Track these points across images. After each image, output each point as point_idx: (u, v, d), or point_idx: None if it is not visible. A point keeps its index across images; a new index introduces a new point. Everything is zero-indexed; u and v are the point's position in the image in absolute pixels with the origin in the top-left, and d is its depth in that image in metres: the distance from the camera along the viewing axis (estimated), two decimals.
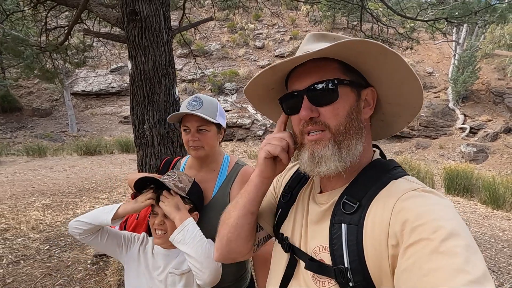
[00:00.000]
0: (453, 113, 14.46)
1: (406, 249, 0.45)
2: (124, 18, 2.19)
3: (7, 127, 14.50)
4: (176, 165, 1.29)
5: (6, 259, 2.79)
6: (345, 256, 0.53)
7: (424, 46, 17.38)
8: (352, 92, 0.60)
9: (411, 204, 0.50)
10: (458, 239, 0.43)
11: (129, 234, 1.12)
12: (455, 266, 0.39)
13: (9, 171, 7.18)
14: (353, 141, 0.58)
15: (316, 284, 0.58)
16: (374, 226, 0.52)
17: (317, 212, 0.64)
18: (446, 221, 0.45)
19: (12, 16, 4.00)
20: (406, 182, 0.56)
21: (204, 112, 1.10)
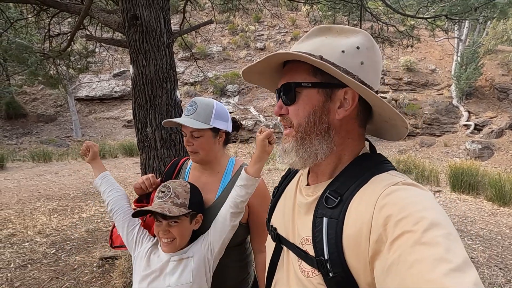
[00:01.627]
0: (457, 110, 14.35)
1: (392, 243, 0.46)
2: (125, 23, 2.22)
3: (12, 133, 14.67)
4: (183, 165, 1.30)
5: (13, 263, 2.83)
6: (325, 249, 0.56)
7: (426, 43, 17.30)
8: (319, 94, 0.61)
9: (393, 198, 0.51)
10: (439, 228, 0.44)
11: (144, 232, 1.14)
12: (436, 256, 0.41)
13: (15, 177, 7.26)
14: (313, 140, 0.61)
15: (302, 273, 0.61)
16: (356, 221, 0.54)
17: (303, 205, 0.66)
18: (427, 211, 0.47)
19: (16, 24, 4.07)
20: (388, 176, 0.57)
21: (197, 117, 1.11)
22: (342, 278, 0.53)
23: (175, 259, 1.04)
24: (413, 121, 14.43)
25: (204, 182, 1.19)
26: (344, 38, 0.61)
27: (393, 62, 16.60)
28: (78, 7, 3.08)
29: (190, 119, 1.11)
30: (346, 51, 0.58)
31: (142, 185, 1.18)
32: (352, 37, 0.60)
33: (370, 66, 0.60)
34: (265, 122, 15.03)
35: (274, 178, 7.13)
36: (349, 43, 0.59)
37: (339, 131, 0.62)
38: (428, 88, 15.66)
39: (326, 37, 0.61)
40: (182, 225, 1.03)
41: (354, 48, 0.59)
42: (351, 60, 0.58)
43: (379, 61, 0.63)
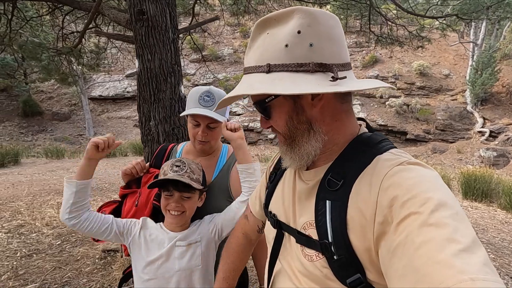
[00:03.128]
0: (472, 116, 13.98)
1: (398, 225, 0.45)
2: (132, 18, 2.27)
3: (28, 130, 15.15)
4: (173, 150, 1.30)
5: (20, 252, 2.89)
6: (329, 232, 0.55)
7: (440, 47, 16.97)
8: (285, 99, 0.59)
9: (398, 179, 0.50)
10: (446, 209, 0.43)
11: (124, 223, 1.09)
12: (444, 236, 0.40)
13: (29, 172, 7.48)
14: (301, 142, 0.61)
15: (305, 258, 0.60)
16: (360, 202, 0.53)
17: (304, 189, 0.66)
18: (434, 192, 0.46)
19: (32, 21, 4.21)
20: (392, 156, 0.56)
21: (217, 111, 1.13)
22: (347, 260, 0.53)
23: (183, 244, 1.05)
24: (425, 126, 14.13)
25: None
26: (283, 26, 0.56)
27: (405, 66, 16.35)
28: (89, 5, 3.17)
29: (212, 113, 1.11)
30: (290, 43, 0.54)
31: (133, 170, 1.19)
32: (290, 22, 0.55)
33: (322, 42, 0.55)
34: None
35: None
36: (288, 31, 0.54)
37: (322, 120, 0.60)
38: (441, 93, 15.33)
39: (268, 32, 0.57)
40: (193, 199, 1.06)
41: (295, 35, 0.54)
42: (299, 50, 0.54)
43: (329, 28, 0.56)
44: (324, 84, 0.53)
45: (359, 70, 17.16)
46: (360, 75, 16.92)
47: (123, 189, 1.21)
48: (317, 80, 0.54)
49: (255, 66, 0.58)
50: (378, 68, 16.74)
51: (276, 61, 0.55)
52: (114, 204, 1.23)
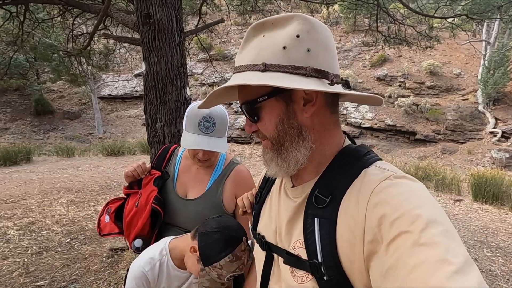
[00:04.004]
0: (483, 117, 13.67)
1: (388, 245, 0.45)
2: (138, 22, 2.30)
3: (40, 128, 15.50)
4: (174, 152, 1.31)
5: (31, 250, 2.98)
6: (318, 251, 0.53)
7: (451, 46, 16.64)
8: (278, 101, 0.58)
9: (385, 196, 0.49)
10: (436, 226, 0.43)
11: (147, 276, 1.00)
12: (437, 258, 0.39)
13: (40, 170, 7.65)
14: (289, 148, 0.59)
15: (295, 280, 0.57)
16: (348, 220, 0.52)
17: (291, 207, 0.63)
18: (422, 208, 0.45)
19: (43, 23, 4.31)
20: (378, 170, 0.55)
21: (217, 134, 1.12)
22: (337, 281, 0.51)
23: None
24: (435, 126, 13.90)
25: (195, 172, 1.21)
26: (280, 29, 0.56)
27: (415, 66, 16.08)
28: (98, 7, 3.22)
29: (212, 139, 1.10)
30: (288, 46, 0.54)
31: (134, 172, 1.21)
32: (289, 26, 0.55)
33: (319, 49, 0.55)
34: None
35: None
36: (287, 34, 0.55)
37: (312, 127, 0.59)
38: (452, 93, 15.03)
39: (264, 34, 0.57)
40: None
41: (294, 38, 0.54)
42: (296, 53, 0.54)
43: (326, 38, 0.57)
44: (322, 87, 0.54)
45: (368, 70, 16.96)
46: (369, 74, 16.73)
47: (126, 189, 1.25)
48: (313, 83, 0.54)
49: (249, 65, 0.56)
50: (387, 68, 16.52)
51: (273, 61, 0.54)
52: (120, 201, 1.28)
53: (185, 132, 1.15)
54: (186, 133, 1.13)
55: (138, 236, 1.18)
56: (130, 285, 0.98)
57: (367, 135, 14.93)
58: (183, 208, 1.20)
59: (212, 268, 0.89)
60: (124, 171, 1.23)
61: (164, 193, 1.22)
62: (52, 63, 3.49)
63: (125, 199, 1.27)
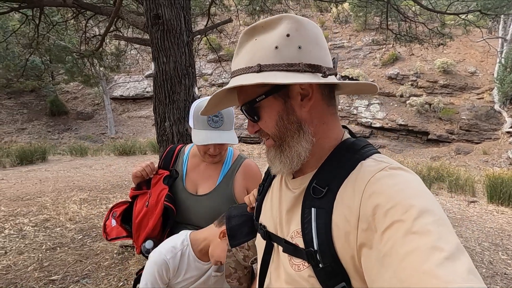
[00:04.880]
0: (499, 116, 13.25)
1: (383, 234, 0.45)
2: (148, 22, 2.34)
3: (55, 129, 15.94)
4: (181, 152, 1.32)
5: (45, 245, 3.07)
6: (314, 239, 0.55)
7: (465, 44, 16.21)
8: (276, 99, 0.60)
9: (380, 186, 0.50)
10: (429, 215, 0.43)
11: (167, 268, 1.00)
12: (428, 245, 0.40)
13: (55, 169, 7.87)
14: (291, 143, 0.61)
15: (292, 268, 0.60)
16: (344, 210, 0.53)
17: (290, 198, 0.66)
18: (416, 198, 0.46)
19: (58, 26, 4.44)
20: (374, 162, 0.56)
21: (225, 128, 1.13)
22: (332, 269, 0.53)
23: (219, 274, 1.06)
24: (449, 126, 13.56)
25: (203, 169, 1.22)
26: (271, 31, 0.58)
27: (427, 64, 15.73)
28: (110, 9, 3.30)
29: (222, 133, 1.12)
30: (279, 45, 0.56)
31: (143, 172, 1.21)
32: (278, 27, 0.58)
33: (310, 45, 0.58)
34: None
35: None
36: (277, 35, 0.57)
37: (311, 121, 0.61)
38: (466, 91, 14.64)
39: (256, 38, 0.60)
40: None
41: (284, 38, 0.57)
42: (288, 51, 0.56)
43: (315, 34, 0.60)
44: (316, 80, 0.56)
45: (378, 68, 16.71)
46: (380, 73, 16.46)
47: (134, 190, 1.24)
48: (307, 77, 0.56)
49: (244, 68, 0.59)
50: (399, 66, 16.22)
51: (267, 62, 0.57)
52: (124, 204, 1.27)
53: (194, 130, 1.15)
54: (195, 131, 1.14)
55: (149, 238, 1.16)
56: (150, 270, 0.98)
57: (378, 135, 14.70)
58: (194, 204, 1.20)
59: (239, 249, 0.91)
60: (132, 172, 1.23)
61: (174, 192, 1.22)
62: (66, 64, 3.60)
63: (130, 202, 1.26)
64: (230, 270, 0.91)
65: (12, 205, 4.36)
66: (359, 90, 0.67)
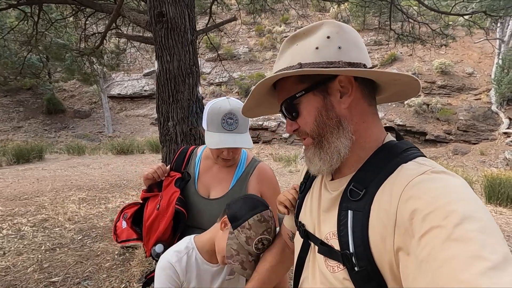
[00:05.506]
0: (496, 117, 13.35)
1: (420, 239, 0.43)
2: (152, 20, 2.30)
3: (52, 127, 15.79)
4: (193, 154, 1.29)
5: (44, 246, 3.02)
6: (350, 242, 0.55)
7: (463, 45, 16.30)
8: (315, 95, 0.62)
9: (419, 190, 0.48)
10: (472, 222, 0.40)
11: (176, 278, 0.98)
12: (470, 253, 0.37)
13: (52, 167, 7.79)
14: (330, 139, 0.61)
15: (327, 268, 0.60)
16: (381, 213, 0.52)
17: (328, 199, 0.66)
18: (458, 203, 0.43)
19: (57, 23, 4.38)
20: (415, 165, 0.54)
21: (240, 131, 1.09)
22: (368, 273, 0.52)
23: (232, 277, 1.05)
24: (446, 127, 13.64)
25: (216, 172, 1.19)
26: (312, 36, 0.61)
27: (425, 65, 15.81)
28: (111, 7, 3.25)
29: (237, 136, 1.08)
30: (320, 46, 0.59)
31: (154, 174, 1.18)
32: (319, 31, 0.61)
33: (349, 46, 0.60)
34: None
35: (295, 180, 7.04)
36: (318, 37, 0.60)
37: (351, 118, 0.61)
38: (464, 92, 14.73)
39: (297, 44, 0.63)
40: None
41: (324, 39, 0.59)
42: (328, 51, 0.59)
43: (355, 37, 0.62)
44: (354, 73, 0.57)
45: (377, 69, 16.75)
46: None
47: (145, 192, 1.22)
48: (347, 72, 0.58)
49: (285, 67, 0.61)
50: (397, 66, 16.29)
51: (307, 61, 0.59)
52: (136, 206, 1.25)
53: (207, 132, 1.11)
54: (209, 133, 1.10)
55: (159, 241, 1.13)
56: (159, 279, 0.97)
57: None
58: (206, 208, 1.17)
59: (241, 229, 0.90)
60: (144, 174, 1.20)
61: (186, 195, 1.19)
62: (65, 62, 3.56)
63: (142, 204, 1.24)
64: (232, 251, 0.90)
65: (10, 204, 4.30)
66: (400, 94, 0.67)
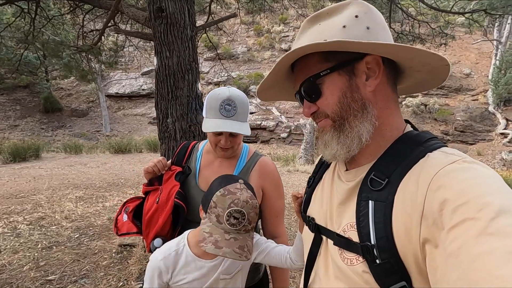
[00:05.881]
0: (493, 118, 13.44)
1: (449, 231, 0.40)
2: (151, 16, 2.28)
3: (49, 126, 15.68)
4: (194, 148, 1.28)
5: (41, 244, 2.99)
6: (372, 233, 0.52)
7: (461, 45, 16.40)
8: (340, 75, 0.58)
9: (450, 180, 0.44)
10: (510, 216, 0.37)
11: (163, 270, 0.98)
12: (508, 249, 0.34)
13: (49, 166, 7.72)
14: (353, 123, 0.58)
15: (344, 261, 0.56)
16: (406, 204, 0.49)
17: (344, 190, 0.62)
18: (494, 196, 0.40)
19: (54, 20, 4.33)
20: (443, 155, 0.50)
21: (239, 118, 1.07)
22: (391, 266, 0.49)
23: (228, 277, 1.02)
24: (444, 127, 13.71)
25: (217, 165, 1.17)
26: (338, 15, 0.58)
27: None
28: (109, 3, 3.22)
29: (234, 123, 1.06)
30: (347, 25, 0.56)
31: (154, 168, 1.17)
32: (346, 10, 0.58)
33: (377, 27, 0.57)
34: (287, 123, 14.94)
35: (293, 179, 7.03)
36: (346, 16, 0.57)
37: (375, 102, 0.58)
38: (461, 93, 14.81)
39: (320, 23, 0.59)
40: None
41: (353, 18, 0.56)
42: (357, 30, 0.55)
43: (382, 20, 0.59)
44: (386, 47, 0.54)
45: None
46: None
47: (146, 186, 1.21)
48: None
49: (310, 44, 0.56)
50: None
51: (334, 38, 0.54)
52: (138, 200, 1.24)
53: (205, 119, 1.10)
54: (206, 120, 1.09)
55: (158, 235, 1.12)
56: (146, 275, 0.98)
57: None
58: None
59: (209, 211, 0.90)
60: (144, 168, 1.18)
61: (186, 189, 1.17)
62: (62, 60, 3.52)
63: (144, 198, 1.23)
64: (204, 235, 0.89)
65: (6, 202, 4.25)
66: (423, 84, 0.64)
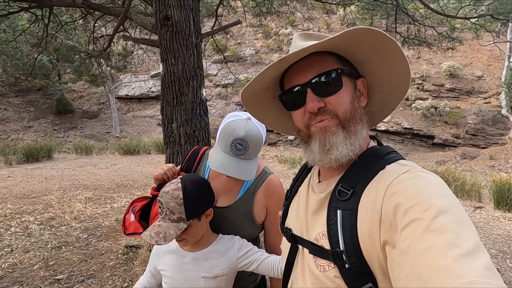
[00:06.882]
0: (507, 121, 13.10)
1: (401, 231, 0.46)
2: (157, 24, 2.34)
3: (61, 127, 16.07)
4: (204, 155, 1.28)
5: (50, 244, 3.08)
6: (340, 240, 0.56)
7: (473, 47, 16.07)
8: (350, 82, 0.64)
9: (402, 187, 0.51)
10: (449, 215, 0.44)
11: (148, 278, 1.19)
12: (446, 242, 0.41)
13: (60, 167, 7.93)
14: (359, 126, 0.62)
15: (318, 268, 0.61)
16: (368, 211, 0.55)
17: (316, 201, 0.67)
18: (437, 198, 0.47)
19: (66, 26, 4.48)
20: (398, 166, 0.58)
21: (248, 157, 1.05)
22: (358, 269, 0.54)
23: (209, 276, 1.04)
24: (455, 130, 13.44)
25: (225, 179, 1.14)
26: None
27: (434, 68, 15.62)
28: (118, 10, 3.31)
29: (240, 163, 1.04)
30: None
31: (164, 176, 1.18)
32: None
33: None
34: None
35: None
36: None
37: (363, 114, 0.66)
38: (473, 95, 14.50)
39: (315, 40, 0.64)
40: (190, 229, 1.00)
41: None
42: None
43: None
44: None
45: None
46: None
47: (154, 190, 1.22)
48: None
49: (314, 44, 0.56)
50: None
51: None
52: (145, 199, 1.26)
53: (216, 146, 1.09)
54: (216, 149, 1.08)
55: None
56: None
57: (382, 138, 14.60)
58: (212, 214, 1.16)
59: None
60: (154, 174, 1.19)
61: None
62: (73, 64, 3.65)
63: (151, 198, 1.26)
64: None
65: (18, 202, 4.40)
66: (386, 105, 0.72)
